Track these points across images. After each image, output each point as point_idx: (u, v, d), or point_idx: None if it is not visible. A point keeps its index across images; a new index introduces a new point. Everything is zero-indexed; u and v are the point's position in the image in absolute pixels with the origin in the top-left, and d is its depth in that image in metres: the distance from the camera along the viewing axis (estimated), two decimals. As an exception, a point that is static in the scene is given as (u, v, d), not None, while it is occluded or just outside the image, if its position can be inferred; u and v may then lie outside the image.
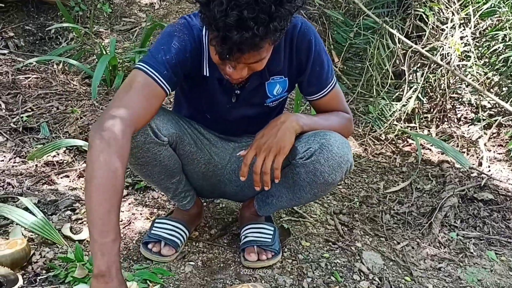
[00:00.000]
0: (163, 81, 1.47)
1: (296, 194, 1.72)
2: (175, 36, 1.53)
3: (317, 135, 1.60)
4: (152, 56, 1.49)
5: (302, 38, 1.59)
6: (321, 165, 1.57)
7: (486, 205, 2.46)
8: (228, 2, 1.25)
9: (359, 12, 3.51)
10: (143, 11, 4.70)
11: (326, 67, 1.67)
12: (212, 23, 1.29)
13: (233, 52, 1.32)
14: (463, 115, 3.36)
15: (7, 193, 2.11)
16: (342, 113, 1.76)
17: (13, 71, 3.24)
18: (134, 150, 1.56)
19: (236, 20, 1.25)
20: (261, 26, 1.27)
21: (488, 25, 3.40)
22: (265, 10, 1.26)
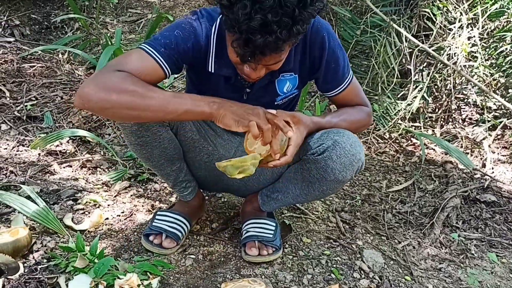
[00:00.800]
0: (159, 57, 1.47)
1: (303, 190, 1.72)
2: (181, 26, 1.53)
3: (330, 132, 1.60)
4: (153, 39, 1.52)
5: (316, 35, 1.59)
6: (333, 162, 1.57)
7: (488, 206, 2.45)
8: (252, 5, 1.24)
9: (367, 10, 3.49)
10: (150, 2, 4.69)
11: (342, 63, 1.66)
12: (235, 26, 1.28)
13: (256, 55, 1.33)
14: (468, 116, 3.34)
15: (9, 181, 2.11)
16: (359, 107, 1.76)
17: (18, 59, 3.24)
18: (134, 127, 1.57)
19: (260, 23, 1.25)
20: (284, 30, 1.27)
21: (496, 26, 3.38)
22: (289, 14, 1.26)
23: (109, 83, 1.37)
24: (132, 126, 1.56)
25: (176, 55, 1.51)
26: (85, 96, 1.38)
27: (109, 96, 1.36)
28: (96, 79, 1.40)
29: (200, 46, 1.54)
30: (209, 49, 1.56)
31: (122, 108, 1.38)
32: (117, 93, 1.36)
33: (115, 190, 2.20)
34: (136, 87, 1.38)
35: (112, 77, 1.38)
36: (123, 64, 1.44)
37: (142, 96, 1.38)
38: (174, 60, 1.51)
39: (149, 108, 1.39)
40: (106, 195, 2.15)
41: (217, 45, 1.55)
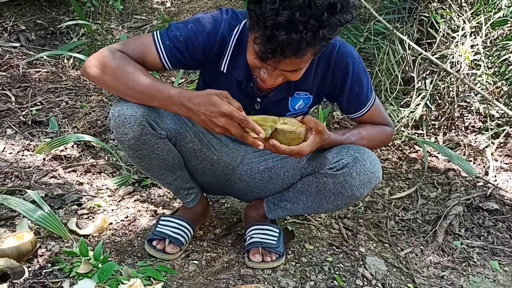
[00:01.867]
0: (162, 48, 1.54)
1: (316, 203, 1.73)
2: (198, 20, 1.56)
3: (350, 149, 1.61)
4: (166, 28, 1.57)
5: (340, 60, 1.60)
6: (352, 178, 1.58)
7: (491, 214, 2.45)
8: (282, 1, 1.25)
9: (370, 17, 3.50)
10: (155, 9, 4.72)
11: (366, 87, 1.68)
12: (261, 20, 1.29)
13: (276, 53, 1.32)
14: (471, 124, 3.35)
15: (15, 186, 2.12)
16: (381, 127, 1.77)
17: (24, 64, 3.27)
18: (132, 141, 1.57)
19: (286, 20, 1.26)
20: (310, 31, 1.27)
21: (499, 34, 3.39)
22: (317, 16, 1.26)
23: (106, 63, 1.48)
24: (129, 140, 1.56)
25: (183, 49, 1.54)
26: (87, 72, 1.53)
27: (104, 77, 1.50)
28: (99, 57, 1.51)
29: (213, 43, 1.55)
30: (226, 48, 1.57)
31: (111, 88, 1.55)
32: (109, 76, 1.49)
33: (119, 195, 2.21)
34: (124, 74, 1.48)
35: (113, 59, 1.48)
36: (129, 46, 1.54)
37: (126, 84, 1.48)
38: (177, 55, 1.54)
39: (133, 95, 1.50)
40: (110, 200, 2.17)
41: (235, 47, 1.56)
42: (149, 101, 1.49)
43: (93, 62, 1.50)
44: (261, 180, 1.84)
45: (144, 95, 1.47)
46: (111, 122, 1.56)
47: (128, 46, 1.54)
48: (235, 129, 1.42)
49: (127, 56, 1.50)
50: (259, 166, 1.83)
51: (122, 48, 1.53)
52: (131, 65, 1.48)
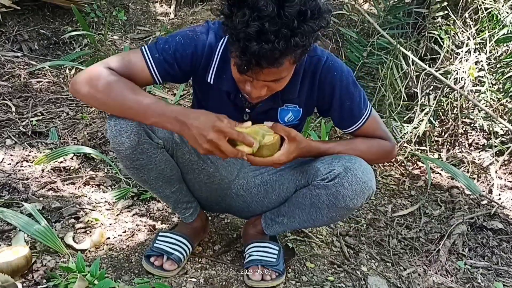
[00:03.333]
0: (151, 62, 1.52)
1: (311, 216, 1.69)
2: (185, 33, 1.56)
3: (341, 158, 1.58)
4: (154, 42, 1.56)
5: (327, 73, 1.58)
6: (344, 189, 1.55)
7: (495, 234, 2.41)
8: (251, 13, 1.25)
9: (373, 32, 3.50)
10: (158, 20, 4.72)
11: (358, 99, 1.64)
12: (233, 34, 1.29)
13: (252, 64, 1.31)
14: (475, 141, 3.32)
15: (12, 198, 2.09)
16: (376, 140, 1.71)
17: (25, 74, 3.25)
18: (129, 150, 1.54)
19: (256, 31, 1.25)
20: (281, 40, 1.26)
21: (503, 51, 3.38)
22: (287, 25, 1.26)
23: (95, 82, 1.45)
24: (126, 150, 1.54)
25: (172, 61, 1.53)
26: (75, 89, 1.49)
27: (92, 94, 1.46)
28: (88, 75, 1.48)
29: (201, 54, 1.55)
30: (212, 59, 1.57)
31: (101, 106, 1.53)
32: (99, 93, 1.45)
33: (117, 208, 2.18)
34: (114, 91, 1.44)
35: (99, 77, 1.45)
36: (117, 62, 1.51)
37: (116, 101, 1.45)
38: (167, 67, 1.53)
39: (125, 114, 1.48)
40: (108, 213, 2.13)
41: (221, 59, 1.56)
42: (142, 118, 1.46)
43: (82, 79, 1.47)
44: (258, 195, 1.81)
45: (135, 112, 1.44)
46: (108, 132, 1.54)
47: (117, 63, 1.51)
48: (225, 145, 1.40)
49: (116, 73, 1.48)
50: (255, 180, 1.80)
51: (110, 64, 1.50)
52: (121, 82, 1.45)
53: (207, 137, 1.39)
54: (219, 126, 1.39)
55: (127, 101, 1.44)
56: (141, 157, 1.57)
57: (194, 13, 4.76)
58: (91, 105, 1.57)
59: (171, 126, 1.44)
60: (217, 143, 1.39)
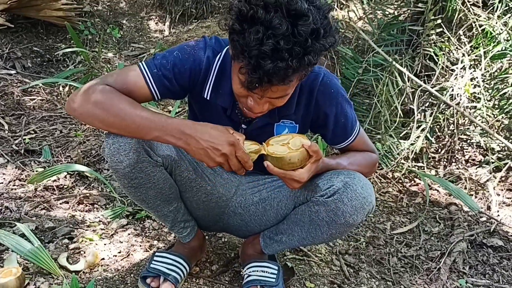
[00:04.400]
0: (150, 78, 1.50)
1: (311, 233, 1.66)
2: (183, 48, 1.55)
3: (340, 174, 1.56)
4: (152, 58, 1.54)
5: (324, 90, 1.59)
6: (344, 205, 1.52)
7: (495, 251, 2.39)
8: (265, 31, 1.24)
9: (368, 49, 3.50)
10: (152, 37, 4.72)
11: (350, 117, 1.66)
12: (245, 50, 1.28)
13: (263, 82, 1.31)
14: (471, 157, 3.31)
15: (4, 218, 2.05)
16: (366, 153, 1.74)
17: (18, 92, 3.22)
18: (127, 169, 1.50)
19: (271, 49, 1.25)
20: (295, 58, 1.26)
21: (498, 67, 3.39)
22: (301, 43, 1.26)
23: (93, 99, 1.41)
24: (125, 168, 1.50)
25: (171, 76, 1.51)
26: (73, 105, 1.44)
27: (91, 112, 1.42)
28: (84, 92, 1.44)
29: (199, 70, 1.54)
30: (209, 75, 1.55)
31: (100, 124, 1.46)
32: (98, 110, 1.41)
33: (112, 228, 2.13)
34: (114, 108, 1.41)
35: (98, 93, 1.42)
36: (115, 79, 1.48)
37: (117, 117, 1.41)
38: (166, 83, 1.51)
39: (123, 129, 1.44)
40: (102, 233, 2.09)
41: (218, 75, 1.55)
42: (144, 133, 1.43)
43: (79, 97, 1.43)
44: (256, 212, 1.78)
45: (137, 126, 1.41)
46: (105, 150, 1.50)
47: (114, 79, 1.48)
48: (235, 160, 1.42)
49: (114, 89, 1.45)
50: (253, 197, 1.77)
51: (107, 81, 1.47)
52: (120, 97, 1.43)
53: (222, 151, 1.40)
54: (234, 141, 1.41)
55: (128, 116, 1.41)
56: (140, 176, 1.54)
57: (188, 31, 4.76)
58: (89, 123, 1.51)
59: (174, 140, 1.41)
60: (229, 157, 1.41)
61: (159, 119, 1.41)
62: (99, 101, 1.41)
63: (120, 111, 1.41)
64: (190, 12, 4.97)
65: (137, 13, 4.95)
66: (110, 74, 1.53)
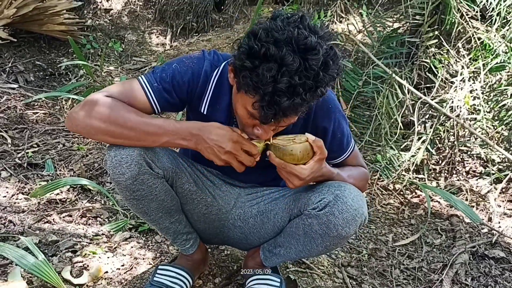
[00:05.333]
0: (151, 92, 1.51)
1: (306, 246, 1.66)
2: (181, 61, 1.57)
3: (331, 186, 1.56)
4: (151, 71, 1.56)
5: (321, 105, 1.60)
6: (335, 217, 1.52)
7: (497, 263, 2.39)
8: (279, 68, 1.26)
9: (368, 61, 3.53)
10: (154, 51, 4.75)
11: (346, 132, 1.69)
12: (259, 88, 1.29)
13: (278, 116, 1.34)
14: (472, 168, 3.32)
15: (8, 231, 2.05)
16: (359, 167, 1.77)
17: (21, 105, 3.24)
18: (129, 181, 1.51)
19: (287, 86, 1.27)
20: (308, 92, 1.29)
21: (497, 79, 3.42)
22: (313, 77, 1.29)
23: (97, 110, 1.43)
24: (127, 180, 1.51)
25: (170, 89, 1.53)
26: (74, 121, 1.46)
27: (95, 124, 1.43)
28: (86, 105, 1.45)
29: (197, 83, 1.56)
30: (206, 89, 1.57)
31: (105, 135, 1.46)
32: (102, 121, 1.42)
33: (115, 241, 2.14)
34: (119, 117, 1.43)
35: (101, 105, 1.43)
36: (115, 92, 1.49)
37: (124, 126, 1.43)
38: (166, 96, 1.53)
39: (131, 138, 1.46)
40: (106, 246, 2.09)
41: (215, 89, 1.56)
42: (153, 139, 1.45)
43: (80, 113, 1.44)
44: (254, 225, 1.78)
45: (146, 133, 1.44)
46: (107, 162, 1.51)
47: (115, 92, 1.50)
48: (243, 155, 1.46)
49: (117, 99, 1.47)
50: (251, 210, 1.78)
51: (108, 94, 1.48)
52: (124, 107, 1.45)
53: (226, 148, 1.44)
54: (237, 138, 1.45)
55: (136, 125, 1.43)
56: (141, 188, 1.55)
57: (189, 44, 4.80)
58: (93, 137, 1.51)
59: (185, 143, 1.45)
60: (235, 153, 1.45)
61: (168, 124, 1.45)
62: (103, 113, 1.43)
63: (128, 120, 1.43)
64: (191, 26, 5.02)
65: (138, 27, 4.99)
66: (111, 87, 1.54)
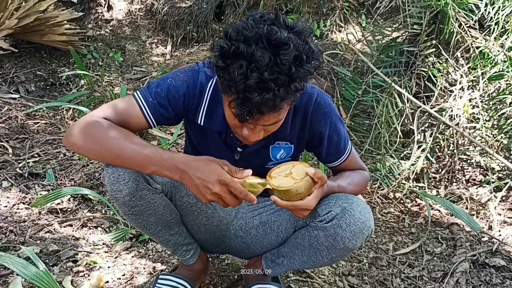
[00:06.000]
0: (146, 107, 1.52)
1: (311, 257, 1.67)
2: (176, 75, 1.57)
3: (338, 199, 1.57)
4: (146, 86, 1.57)
5: (318, 110, 1.60)
6: (343, 230, 1.53)
7: (498, 271, 2.39)
8: (248, 64, 1.26)
9: (368, 70, 3.55)
10: (154, 61, 4.78)
11: (343, 136, 1.68)
12: (231, 86, 1.29)
13: (253, 113, 1.33)
14: (472, 177, 3.33)
15: (9, 241, 2.06)
16: (359, 171, 1.76)
17: (22, 115, 3.25)
18: (127, 197, 1.52)
19: (256, 82, 1.26)
20: (281, 87, 1.28)
21: (496, 88, 3.43)
22: (285, 72, 1.27)
23: (91, 132, 1.44)
24: (124, 197, 1.52)
25: (166, 103, 1.53)
26: (70, 141, 1.47)
27: (89, 146, 1.45)
28: (82, 126, 1.46)
29: (193, 95, 1.56)
30: (202, 100, 1.57)
31: (99, 158, 1.51)
32: (96, 144, 1.44)
33: (115, 251, 2.14)
34: (112, 143, 1.43)
35: (95, 128, 1.44)
36: (111, 111, 1.50)
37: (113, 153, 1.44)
38: (161, 111, 1.53)
39: (124, 163, 1.45)
40: (106, 256, 2.09)
41: (211, 100, 1.56)
42: (141, 167, 1.45)
43: (76, 132, 1.45)
44: (257, 236, 1.79)
45: (133, 161, 1.43)
46: (105, 179, 1.52)
47: (110, 111, 1.50)
48: (229, 197, 1.41)
49: (111, 122, 1.47)
50: (253, 220, 1.78)
51: (104, 114, 1.49)
52: (116, 132, 1.44)
53: (212, 190, 1.39)
54: (225, 179, 1.39)
55: (125, 152, 1.42)
56: (140, 203, 1.55)
57: (190, 54, 4.82)
58: (87, 157, 1.55)
59: (170, 174, 1.42)
60: (221, 195, 1.40)
61: (155, 154, 1.42)
62: (96, 137, 1.43)
63: (117, 146, 1.43)
64: (191, 35, 5.05)
65: (139, 37, 5.02)
66: (107, 105, 1.54)
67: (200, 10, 5.10)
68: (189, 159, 1.43)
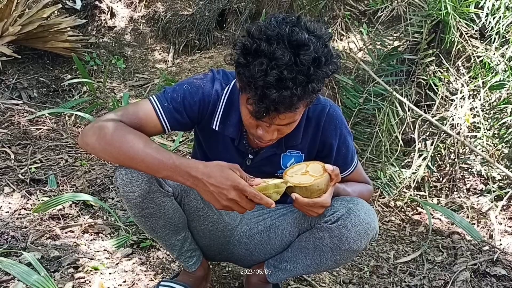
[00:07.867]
0: (161, 111, 1.54)
1: (315, 260, 1.67)
2: (191, 81, 1.60)
3: (343, 200, 1.59)
4: (162, 91, 1.58)
5: (330, 122, 1.63)
6: (348, 230, 1.54)
7: (499, 280, 2.38)
8: (269, 62, 1.29)
9: (369, 79, 3.57)
10: (156, 68, 4.80)
11: (351, 149, 1.71)
12: (251, 82, 1.32)
13: (270, 111, 1.35)
14: (472, 186, 3.33)
15: (10, 247, 2.06)
16: (363, 184, 1.79)
17: (25, 121, 3.27)
18: (139, 199, 1.53)
19: (275, 79, 1.29)
20: (299, 87, 1.31)
21: (497, 97, 3.44)
22: (304, 72, 1.31)
23: (107, 134, 1.45)
24: (137, 198, 1.53)
25: (181, 109, 1.55)
26: (85, 141, 1.49)
27: (104, 147, 1.45)
28: (98, 128, 1.47)
29: (208, 102, 1.58)
30: (217, 107, 1.59)
31: (113, 159, 1.50)
32: (110, 145, 1.44)
33: (117, 257, 2.15)
34: (126, 146, 1.43)
35: (111, 129, 1.45)
36: (127, 114, 1.52)
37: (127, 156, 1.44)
38: (177, 116, 1.55)
39: (137, 166, 1.46)
40: (107, 262, 2.10)
41: (226, 107, 1.58)
42: (154, 172, 1.46)
43: (92, 132, 1.47)
44: (261, 241, 1.79)
45: (147, 165, 1.44)
46: (118, 180, 1.53)
47: (126, 114, 1.52)
48: (245, 202, 1.41)
49: (126, 125, 1.48)
50: (257, 226, 1.79)
51: (120, 116, 1.50)
52: (131, 135, 1.46)
53: (228, 196, 1.39)
54: (239, 185, 1.39)
55: (139, 155, 1.43)
56: (151, 206, 1.56)
57: (192, 61, 4.84)
58: (100, 157, 1.56)
59: (183, 180, 1.43)
60: (237, 200, 1.40)
61: (168, 160, 1.42)
62: (111, 138, 1.44)
63: (131, 149, 1.43)
64: (193, 43, 5.08)
65: (141, 44, 5.05)
66: (123, 108, 1.57)
67: (202, 18, 5.13)
68: (200, 165, 1.43)
